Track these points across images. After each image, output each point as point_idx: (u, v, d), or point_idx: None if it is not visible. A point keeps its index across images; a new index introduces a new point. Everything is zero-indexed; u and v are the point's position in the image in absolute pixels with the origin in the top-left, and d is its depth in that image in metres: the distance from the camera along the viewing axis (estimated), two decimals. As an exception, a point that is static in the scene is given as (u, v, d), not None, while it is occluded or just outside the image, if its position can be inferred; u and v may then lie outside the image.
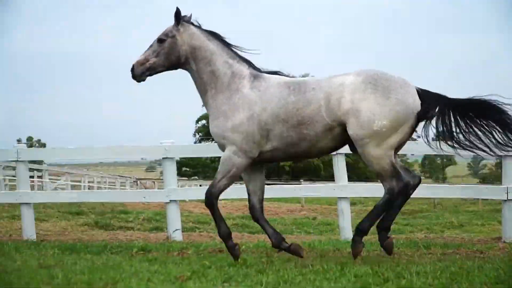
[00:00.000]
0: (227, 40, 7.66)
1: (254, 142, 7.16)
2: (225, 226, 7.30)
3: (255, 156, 7.24)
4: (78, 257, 7.45)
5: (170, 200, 10.23)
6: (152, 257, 7.61)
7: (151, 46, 7.61)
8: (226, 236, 7.29)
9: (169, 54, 7.51)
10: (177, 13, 7.50)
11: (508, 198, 9.75)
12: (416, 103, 7.04)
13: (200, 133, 69.42)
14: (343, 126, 7.05)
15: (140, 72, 7.49)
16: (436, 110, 7.14)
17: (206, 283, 5.67)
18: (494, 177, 72.05)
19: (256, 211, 7.51)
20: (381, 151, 6.97)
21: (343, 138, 7.19)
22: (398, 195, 7.04)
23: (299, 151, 7.29)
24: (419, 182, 7.46)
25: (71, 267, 6.59)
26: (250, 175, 7.55)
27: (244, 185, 7.71)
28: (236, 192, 10.10)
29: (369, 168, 7.33)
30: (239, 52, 7.65)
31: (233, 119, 7.19)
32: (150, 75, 7.59)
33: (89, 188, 33.42)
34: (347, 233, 9.93)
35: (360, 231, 7.15)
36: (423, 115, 7.09)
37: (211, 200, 7.30)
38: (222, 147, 7.38)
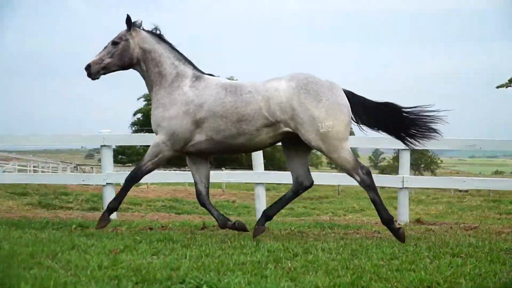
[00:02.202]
0: (173, 44, 7.78)
1: (182, 138, 7.33)
2: (118, 203, 7.65)
3: (179, 150, 7.42)
4: (22, 232, 7.45)
5: (107, 183, 10.38)
6: (89, 232, 7.68)
7: (105, 47, 7.70)
8: (112, 210, 7.67)
9: (122, 56, 7.64)
10: (128, 19, 7.66)
11: (404, 186, 10.24)
12: (345, 101, 7.23)
13: (136, 126, 68.46)
14: (283, 127, 7.21)
15: (96, 71, 7.59)
16: (359, 110, 7.38)
17: (137, 255, 5.80)
18: (391, 169, 75.08)
19: (202, 197, 7.77)
20: (340, 147, 7.15)
21: (279, 136, 7.38)
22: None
23: (235, 144, 7.36)
24: (311, 185, 7.76)
25: (16, 240, 6.66)
26: (196, 166, 7.75)
27: (171, 171, 7.93)
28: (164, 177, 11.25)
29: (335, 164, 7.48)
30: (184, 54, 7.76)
31: (170, 111, 7.33)
32: (104, 74, 7.71)
33: (34, 172, 32.84)
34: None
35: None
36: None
37: (134, 178, 7.57)
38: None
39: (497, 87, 37.06)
